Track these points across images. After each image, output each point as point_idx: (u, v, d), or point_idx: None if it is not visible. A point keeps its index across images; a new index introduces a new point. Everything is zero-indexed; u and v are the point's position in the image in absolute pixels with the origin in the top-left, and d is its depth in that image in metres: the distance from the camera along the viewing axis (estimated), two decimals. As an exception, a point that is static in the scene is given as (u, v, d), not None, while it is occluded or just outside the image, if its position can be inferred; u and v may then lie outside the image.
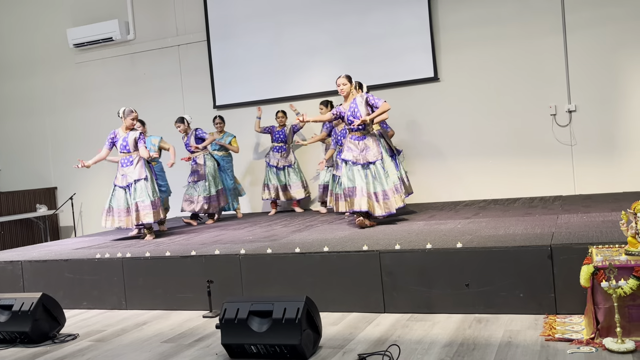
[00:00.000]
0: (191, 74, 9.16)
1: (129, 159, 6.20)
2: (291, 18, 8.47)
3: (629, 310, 3.16)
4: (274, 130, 7.88)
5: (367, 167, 5.46)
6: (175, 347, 3.86)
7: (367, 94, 5.60)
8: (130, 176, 6.15)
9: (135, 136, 6.21)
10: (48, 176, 10.23)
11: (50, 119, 10.05)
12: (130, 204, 6.13)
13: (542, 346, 3.25)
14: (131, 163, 6.19)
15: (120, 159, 6.28)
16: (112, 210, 6.20)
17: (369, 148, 5.49)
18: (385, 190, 5.43)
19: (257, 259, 4.65)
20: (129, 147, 6.19)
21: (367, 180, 5.43)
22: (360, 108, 5.51)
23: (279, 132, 7.86)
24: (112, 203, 6.21)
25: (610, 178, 7.00)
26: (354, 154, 5.49)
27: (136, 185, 6.12)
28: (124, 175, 6.18)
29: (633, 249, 3.28)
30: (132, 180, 6.13)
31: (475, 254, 4.01)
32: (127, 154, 6.21)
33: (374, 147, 5.51)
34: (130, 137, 6.20)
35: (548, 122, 7.30)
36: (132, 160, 6.19)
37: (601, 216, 4.94)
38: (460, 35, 7.63)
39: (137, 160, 6.19)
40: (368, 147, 5.50)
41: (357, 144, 5.53)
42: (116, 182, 6.24)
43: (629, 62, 6.97)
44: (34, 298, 4.22)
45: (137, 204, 6.10)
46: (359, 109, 5.50)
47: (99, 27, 9.39)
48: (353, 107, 5.54)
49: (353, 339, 3.67)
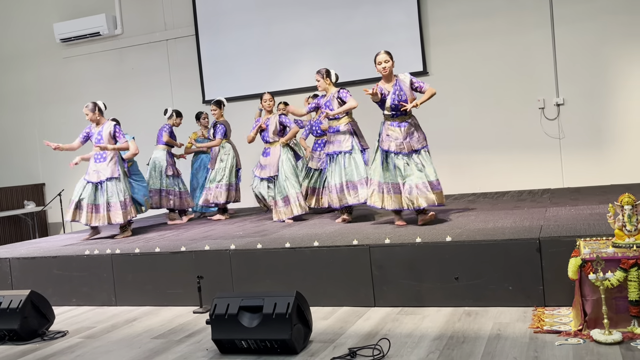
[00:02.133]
0: (180, 69, 9.11)
1: (102, 154, 5.97)
2: (280, 12, 8.44)
3: (615, 302, 3.19)
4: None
5: (411, 156, 4.91)
6: (165, 343, 3.85)
7: (411, 76, 5.01)
8: (103, 173, 5.93)
9: (110, 129, 6.01)
10: (36, 172, 10.14)
11: (37, 114, 9.97)
12: (102, 203, 5.92)
13: (531, 338, 3.27)
14: (104, 159, 5.96)
15: (93, 154, 6.05)
16: (81, 205, 5.94)
17: (414, 134, 4.95)
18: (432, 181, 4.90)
19: (248, 254, 4.64)
20: (103, 141, 5.98)
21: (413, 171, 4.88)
22: (406, 91, 4.93)
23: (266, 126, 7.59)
24: (82, 198, 5.95)
25: (598, 171, 7.05)
26: (397, 143, 4.93)
27: (108, 183, 5.92)
28: (96, 171, 5.96)
29: (620, 242, 3.31)
30: (105, 177, 5.92)
31: (464, 247, 4.03)
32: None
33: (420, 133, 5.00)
34: (105, 130, 6.00)
35: (536, 115, 7.34)
36: (106, 157, 5.98)
37: (589, 209, 4.98)
38: (449, 29, 7.64)
39: (111, 157, 5.98)
40: (413, 132, 4.95)
41: (400, 130, 4.95)
42: (87, 177, 5.99)
43: (617, 55, 7.02)
44: (22, 295, 4.19)
45: (109, 203, 5.90)
46: (404, 92, 4.93)
47: (86, 21, 9.31)
48: (397, 90, 4.94)
49: (343, 333, 3.68)
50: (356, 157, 5.50)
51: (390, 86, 4.98)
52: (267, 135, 6.22)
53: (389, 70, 4.94)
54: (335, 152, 5.56)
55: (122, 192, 5.96)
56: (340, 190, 5.50)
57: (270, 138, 6.21)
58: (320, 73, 5.66)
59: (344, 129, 5.58)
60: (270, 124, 6.18)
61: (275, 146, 6.18)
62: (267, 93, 6.33)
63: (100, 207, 5.93)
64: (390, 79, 5.01)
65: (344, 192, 5.49)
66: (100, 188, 5.95)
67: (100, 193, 5.94)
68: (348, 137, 5.54)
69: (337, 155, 5.55)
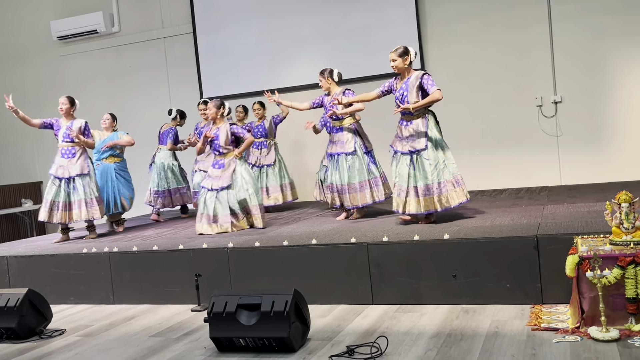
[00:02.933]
0: (177, 66, 9.09)
1: (71, 150, 5.87)
2: (277, 9, 8.42)
3: (613, 300, 3.20)
4: (252, 126, 7.13)
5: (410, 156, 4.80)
6: (163, 341, 3.85)
7: (425, 76, 4.74)
8: (71, 170, 5.84)
9: (81, 125, 5.92)
10: (33, 170, 10.12)
11: (34, 112, 9.86)
12: (73, 200, 5.85)
13: (529, 336, 3.28)
14: (73, 155, 5.87)
15: (60, 149, 5.93)
16: (56, 204, 5.85)
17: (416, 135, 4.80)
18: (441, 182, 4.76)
19: (245, 252, 4.64)
20: (73, 136, 5.88)
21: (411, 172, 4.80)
22: (410, 91, 4.77)
23: (258, 127, 7.11)
24: (54, 197, 5.85)
25: (595, 169, 7.06)
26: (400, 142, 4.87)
27: (78, 180, 5.84)
28: (62, 167, 5.85)
29: (617, 239, 3.32)
30: (74, 174, 5.83)
31: (462, 245, 4.03)
32: (70, 144, 5.89)
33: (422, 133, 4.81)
34: (75, 125, 5.91)
35: (534, 113, 7.34)
36: (75, 153, 5.89)
37: (586, 206, 4.99)
38: (446, 27, 7.64)
39: (80, 153, 5.91)
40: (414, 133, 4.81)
41: (403, 129, 4.87)
42: (54, 172, 5.88)
43: (614, 53, 7.02)
44: (20, 293, 4.18)
45: (84, 200, 5.84)
46: (408, 93, 4.79)
47: (83, 19, 9.28)
48: (403, 90, 4.82)
49: (341, 331, 3.69)
50: (356, 160, 5.48)
51: (401, 84, 4.87)
52: (218, 145, 5.64)
53: (397, 69, 4.82)
54: (337, 153, 5.54)
55: (93, 190, 5.91)
56: (342, 191, 5.52)
57: (222, 149, 5.62)
58: (322, 74, 5.62)
59: (348, 129, 5.55)
60: (220, 133, 5.59)
61: (229, 157, 5.63)
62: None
63: (73, 204, 5.87)
64: (403, 77, 4.88)
65: (343, 193, 5.51)
66: (69, 185, 5.87)
67: (73, 190, 5.87)
68: (351, 138, 5.51)
69: (339, 156, 5.53)
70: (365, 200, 5.46)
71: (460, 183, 4.78)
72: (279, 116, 7.08)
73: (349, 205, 5.53)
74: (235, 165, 5.59)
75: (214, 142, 5.66)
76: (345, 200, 5.53)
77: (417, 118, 4.81)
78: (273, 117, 7.13)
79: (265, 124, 7.11)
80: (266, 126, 7.10)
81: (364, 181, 5.45)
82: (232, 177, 5.55)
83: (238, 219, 5.55)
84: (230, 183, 5.53)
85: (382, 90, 5.00)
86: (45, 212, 5.86)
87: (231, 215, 5.51)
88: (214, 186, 5.57)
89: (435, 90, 4.66)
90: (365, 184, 5.46)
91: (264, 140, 7.07)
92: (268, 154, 7.03)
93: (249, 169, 5.74)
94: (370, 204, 5.52)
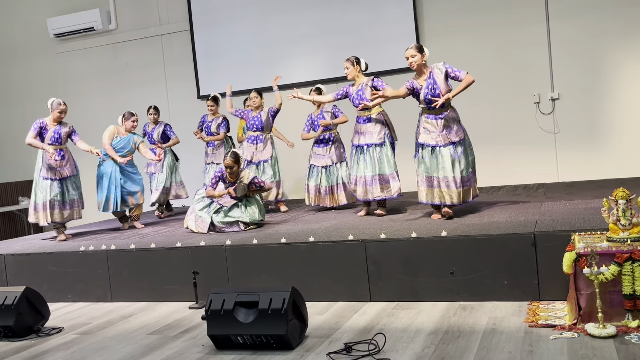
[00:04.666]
0: (175, 64, 9.07)
1: (59, 152, 5.91)
2: (275, 6, 8.41)
3: (610, 296, 3.21)
4: (248, 116, 6.61)
5: (453, 147, 4.76)
6: (161, 338, 3.85)
7: (447, 65, 4.79)
8: (63, 171, 5.95)
9: (68, 130, 5.99)
10: (31, 168, 10.07)
11: (31, 109, 9.89)
12: (66, 200, 5.98)
13: (526, 332, 3.29)
14: (62, 157, 5.94)
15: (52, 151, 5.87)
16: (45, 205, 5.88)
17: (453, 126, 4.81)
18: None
19: (243, 249, 4.64)
20: (62, 140, 5.98)
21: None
22: (439, 84, 4.74)
23: (254, 119, 6.56)
24: (44, 198, 5.88)
25: (592, 165, 7.07)
26: (433, 135, 4.80)
27: (69, 180, 6.00)
28: (52, 169, 5.90)
29: (614, 236, 3.32)
30: (65, 176, 5.96)
31: (459, 242, 4.04)
32: (59, 146, 5.95)
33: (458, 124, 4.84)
34: (63, 129, 5.98)
35: (532, 110, 7.34)
36: (64, 155, 5.96)
37: (584, 203, 5.00)
38: (444, 24, 7.63)
39: (69, 155, 6.01)
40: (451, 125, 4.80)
41: (436, 123, 4.81)
42: (44, 174, 5.93)
43: (612, 50, 7.02)
44: (17, 292, 4.18)
45: (74, 200, 6.03)
46: (438, 85, 4.74)
47: (80, 16, 9.25)
48: (430, 84, 4.77)
49: (339, 328, 3.69)
50: (387, 150, 5.35)
51: (423, 80, 4.81)
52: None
53: (416, 65, 4.78)
54: (367, 144, 5.36)
55: (77, 189, 6.09)
56: (371, 183, 5.35)
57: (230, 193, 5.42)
58: (350, 60, 5.43)
59: (376, 119, 5.39)
60: (238, 188, 5.39)
61: None
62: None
63: (66, 204, 5.98)
64: (422, 73, 4.83)
65: (373, 185, 5.34)
66: (60, 185, 5.94)
67: (66, 190, 5.99)
68: (380, 129, 5.35)
69: (369, 147, 5.35)
70: (396, 190, 5.31)
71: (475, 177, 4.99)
72: (272, 108, 6.56)
73: (380, 197, 5.33)
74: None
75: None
76: (375, 192, 5.32)
77: (446, 110, 4.83)
78: (270, 109, 6.57)
79: (262, 115, 6.54)
80: (263, 119, 6.53)
81: (394, 172, 5.35)
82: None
83: None
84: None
85: (407, 87, 4.92)
86: (41, 214, 5.89)
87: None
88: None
89: (466, 75, 4.75)
90: (395, 176, 5.35)
91: (259, 134, 6.57)
92: (264, 148, 6.58)
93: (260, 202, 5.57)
94: (397, 196, 5.35)
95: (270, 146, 6.65)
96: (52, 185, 5.90)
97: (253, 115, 6.60)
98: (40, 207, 5.90)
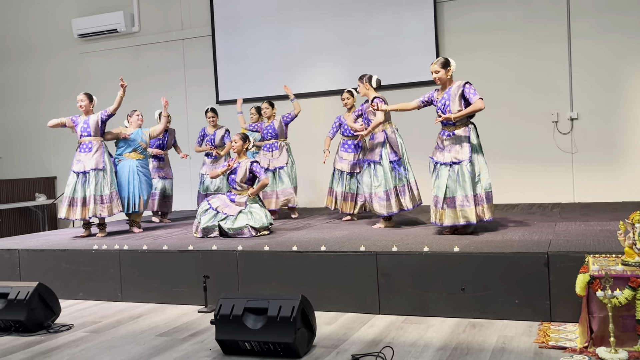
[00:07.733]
0: (195, 68, 9.16)
1: (87, 144, 5.89)
2: (296, 15, 8.47)
3: (623, 320, 3.17)
4: (262, 127, 6.96)
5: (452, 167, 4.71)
6: (169, 341, 3.86)
7: (467, 85, 4.74)
8: (87, 164, 5.85)
9: (97, 118, 5.94)
10: (48, 165, 10.22)
11: (52, 107, 10.03)
12: (87, 195, 5.84)
13: (536, 353, 3.25)
14: (90, 149, 5.88)
15: (79, 144, 5.98)
16: (74, 200, 5.84)
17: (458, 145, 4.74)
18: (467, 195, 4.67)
19: (254, 256, 4.65)
20: (90, 130, 5.91)
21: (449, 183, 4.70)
22: (452, 101, 4.74)
23: (267, 128, 6.87)
24: (73, 193, 5.85)
25: (609, 187, 7.00)
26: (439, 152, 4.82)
27: (92, 174, 5.83)
28: (79, 161, 5.88)
29: (630, 260, 3.28)
30: (89, 168, 5.83)
31: (472, 258, 4.01)
32: (87, 137, 5.92)
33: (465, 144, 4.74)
34: (92, 119, 5.94)
35: (550, 129, 7.30)
36: (92, 147, 5.90)
37: (599, 225, 4.95)
38: (464, 39, 7.63)
39: (97, 147, 5.91)
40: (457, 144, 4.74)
41: (444, 139, 4.80)
42: (72, 167, 5.92)
43: (632, 70, 6.97)
44: (30, 287, 4.22)
45: (94, 196, 5.82)
46: (450, 102, 4.75)
47: (104, 18, 9.40)
48: (445, 99, 4.78)
49: (347, 339, 3.68)
50: (381, 168, 5.38)
51: (442, 94, 4.83)
52: (233, 180, 5.63)
53: (439, 80, 4.77)
54: (367, 161, 5.47)
55: (107, 185, 5.89)
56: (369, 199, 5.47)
57: (237, 185, 5.60)
58: (362, 79, 5.52)
59: (377, 137, 5.44)
60: (239, 168, 5.58)
61: (242, 195, 5.56)
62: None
63: (88, 200, 5.84)
64: (444, 87, 4.83)
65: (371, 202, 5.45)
66: (84, 179, 5.86)
67: (87, 185, 5.85)
68: (379, 146, 5.41)
69: (369, 164, 5.45)
70: (391, 209, 5.37)
71: (490, 199, 4.73)
72: (290, 114, 6.82)
73: (379, 213, 5.43)
74: (247, 201, 5.50)
75: (230, 176, 5.63)
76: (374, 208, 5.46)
77: (459, 128, 4.75)
78: (283, 117, 6.86)
79: (275, 124, 6.85)
80: (276, 126, 6.84)
81: (389, 190, 5.36)
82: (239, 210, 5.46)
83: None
84: (235, 215, 5.42)
85: (422, 100, 4.95)
86: (64, 208, 5.89)
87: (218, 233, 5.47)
88: (219, 209, 5.48)
89: (478, 100, 4.64)
90: (391, 193, 5.37)
91: (274, 141, 6.83)
92: (280, 155, 6.79)
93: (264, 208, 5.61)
94: (395, 212, 5.41)
95: (286, 153, 6.83)
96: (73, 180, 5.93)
97: (266, 125, 6.92)
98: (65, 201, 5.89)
